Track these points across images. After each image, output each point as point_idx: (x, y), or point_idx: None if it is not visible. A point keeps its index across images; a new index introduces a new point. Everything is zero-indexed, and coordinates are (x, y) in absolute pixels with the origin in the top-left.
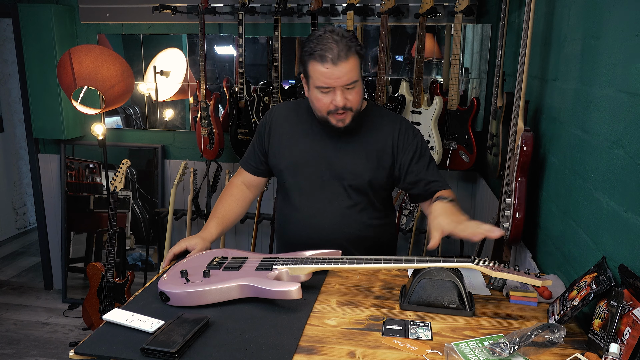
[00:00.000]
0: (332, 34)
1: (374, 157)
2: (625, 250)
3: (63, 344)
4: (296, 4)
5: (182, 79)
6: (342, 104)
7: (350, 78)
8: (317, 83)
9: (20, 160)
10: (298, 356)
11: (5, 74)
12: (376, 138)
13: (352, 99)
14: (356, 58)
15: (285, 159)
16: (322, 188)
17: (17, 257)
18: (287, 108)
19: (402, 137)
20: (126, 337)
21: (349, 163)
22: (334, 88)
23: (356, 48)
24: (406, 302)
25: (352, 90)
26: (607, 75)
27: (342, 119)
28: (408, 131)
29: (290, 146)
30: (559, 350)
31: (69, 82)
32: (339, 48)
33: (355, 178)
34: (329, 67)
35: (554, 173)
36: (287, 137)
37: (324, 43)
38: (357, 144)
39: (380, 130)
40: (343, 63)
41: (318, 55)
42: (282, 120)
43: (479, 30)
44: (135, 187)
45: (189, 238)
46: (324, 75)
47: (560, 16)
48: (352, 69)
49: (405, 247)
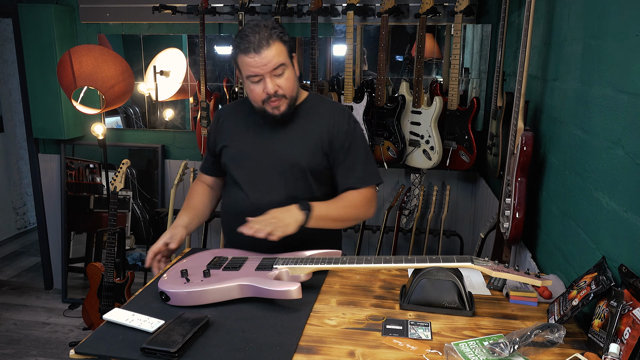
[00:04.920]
0: (253, 26)
1: (312, 144)
2: (625, 250)
3: (63, 344)
4: (296, 4)
5: (182, 79)
6: (273, 90)
7: (275, 63)
8: (246, 73)
9: (20, 160)
10: (298, 356)
11: (5, 74)
12: (314, 125)
13: (283, 85)
14: (280, 44)
15: (228, 152)
16: (263, 178)
17: (17, 257)
18: (232, 106)
19: (336, 125)
20: (126, 337)
21: (287, 151)
22: (263, 76)
23: (278, 35)
24: (406, 302)
25: (281, 77)
26: (607, 75)
27: (276, 106)
28: (343, 120)
29: (234, 140)
30: (559, 350)
31: (69, 82)
32: (260, 36)
33: (293, 165)
34: (252, 56)
35: (554, 173)
36: (233, 132)
37: (246, 35)
38: (297, 132)
39: (320, 118)
40: (265, 50)
41: (242, 47)
42: (228, 118)
43: (479, 30)
44: (135, 187)
45: (164, 233)
46: (249, 64)
47: (560, 16)
48: (276, 54)
49: (405, 247)
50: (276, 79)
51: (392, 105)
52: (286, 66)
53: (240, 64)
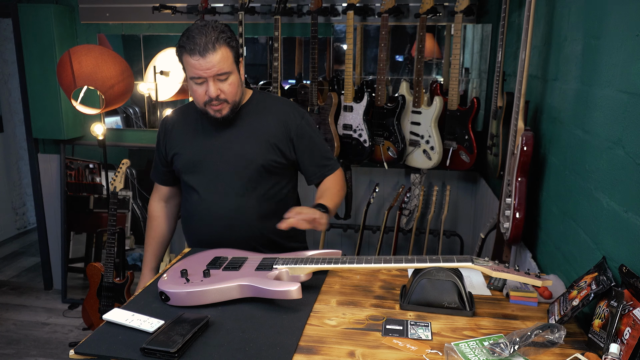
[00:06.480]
0: (201, 27)
1: (263, 141)
2: (625, 250)
3: (63, 344)
4: (296, 4)
5: (182, 79)
6: (215, 94)
7: (220, 69)
8: (190, 74)
9: (20, 160)
10: (298, 356)
11: (5, 74)
12: (264, 122)
13: (226, 90)
14: (226, 49)
15: (181, 159)
16: (218, 181)
17: (17, 257)
18: (176, 113)
19: (289, 120)
20: (126, 337)
21: (240, 151)
22: (207, 79)
23: (226, 40)
24: (406, 302)
25: (225, 82)
26: (608, 75)
27: (218, 109)
28: (293, 113)
29: (184, 146)
30: (559, 350)
31: (69, 82)
32: (206, 39)
33: (248, 165)
34: (197, 58)
35: (554, 173)
36: (181, 139)
37: (192, 36)
38: (247, 130)
39: (268, 114)
40: (210, 54)
41: (187, 48)
42: (174, 125)
43: (479, 30)
44: (135, 187)
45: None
46: (193, 66)
47: (560, 16)
48: (221, 60)
49: (405, 247)
50: (219, 83)
51: (392, 105)
52: (231, 72)
53: (184, 64)
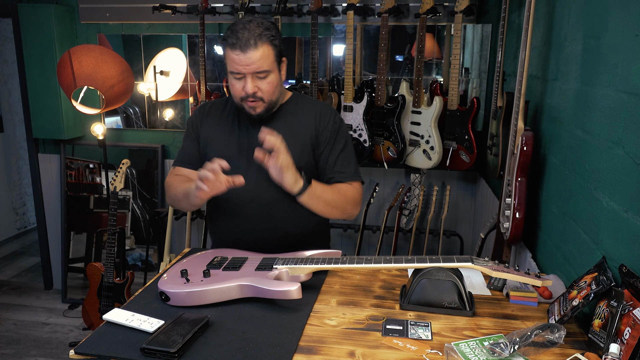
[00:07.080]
0: (246, 22)
1: (300, 143)
2: (625, 250)
3: (63, 344)
4: (296, 4)
5: (182, 79)
6: (252, 91)
7: (259, 67)
8: (230, 68)
9: (20, 160)
10: (298, 356)
11: (5, 74)
12: (300, 124)
13: (264, 88)
14: (268, 47)
15: (214, 152)
16: (249, 178)
17: (17, 257)
18: (214, 103)
19: (320, 121)
20: (126, 337)
21: None
22: (245, 75)
23: (270, 38)
24: (406, 302)
25: (263, 80)
26: (608, 75)
27: (253, 106)
28: (326, 115)
29: (218, 139)
30: (559, 350)
31: (69, 82)
32: (249, 35)
33: None
34: (237, 53)
35: (554, 173)
36: (216, 130)
37: (236, 30)
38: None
39: (305, 117)
40: (252, 51)
41: (229, 41)
42: (209, 113)
43: (479, 30)
44: (135, 187)
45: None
46: (233, 60)
47: (560, 16)
48: (262, 57)
49: (405, 247)
50: (257, 80)
51: (392, 105)
52: (270, 71)
53: (226, 57)
